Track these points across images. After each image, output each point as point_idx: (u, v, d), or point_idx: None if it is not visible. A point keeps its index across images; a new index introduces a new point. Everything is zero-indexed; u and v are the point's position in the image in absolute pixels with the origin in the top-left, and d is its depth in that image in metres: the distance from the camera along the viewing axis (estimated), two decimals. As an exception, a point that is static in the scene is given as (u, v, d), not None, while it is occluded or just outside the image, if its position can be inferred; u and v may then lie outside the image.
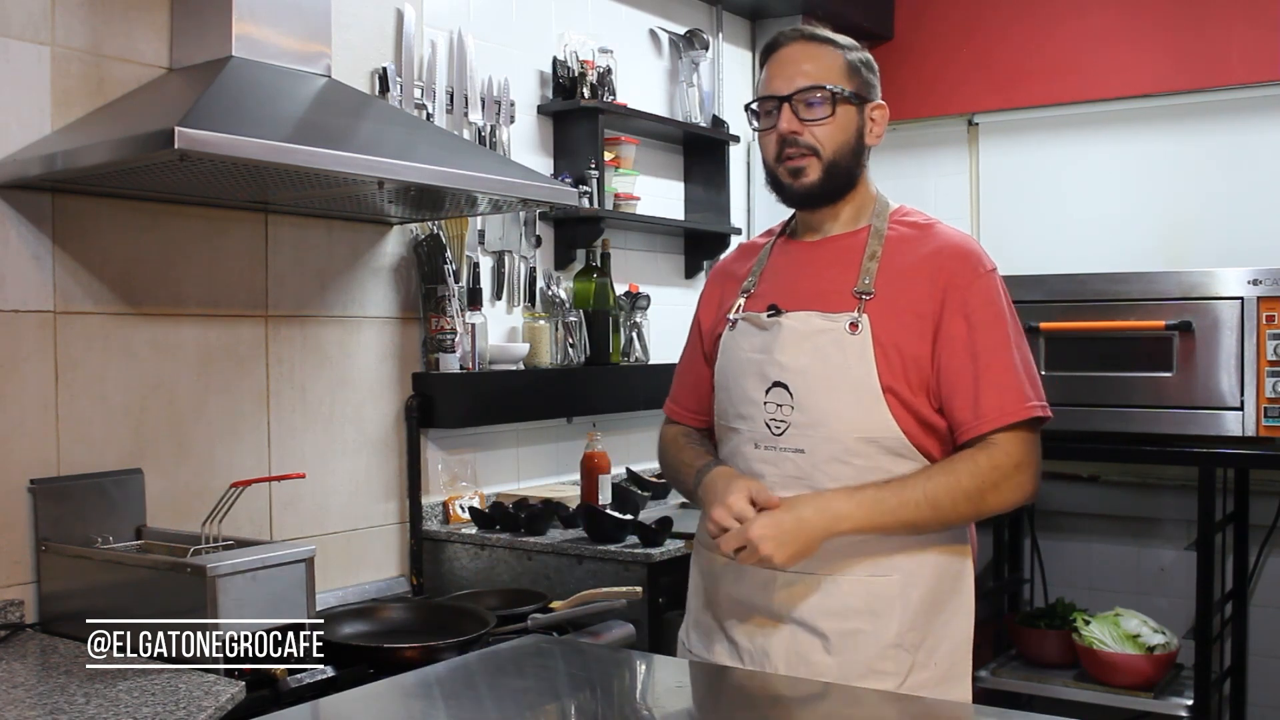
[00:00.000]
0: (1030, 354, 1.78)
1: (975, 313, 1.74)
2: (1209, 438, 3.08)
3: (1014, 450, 1.72)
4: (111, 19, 2.24)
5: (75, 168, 1.96)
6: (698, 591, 1.93)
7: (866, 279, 1.77)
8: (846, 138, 1.81)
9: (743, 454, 1.83)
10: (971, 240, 1.82)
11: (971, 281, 1.75)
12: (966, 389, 1.72)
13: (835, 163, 1.80)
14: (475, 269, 2.99)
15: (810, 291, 1.81)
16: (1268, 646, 3.57)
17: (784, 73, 1.81)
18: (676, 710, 1.68)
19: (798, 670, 1.74)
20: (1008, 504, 1.74)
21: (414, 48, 2.87)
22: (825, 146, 1.79)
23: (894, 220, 1.84)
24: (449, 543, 2.82)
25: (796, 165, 1.79)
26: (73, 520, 2.12)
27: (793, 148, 1.79)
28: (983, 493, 1.70)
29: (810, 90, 1.78)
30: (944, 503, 1.69)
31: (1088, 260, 3.77)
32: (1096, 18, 3.98)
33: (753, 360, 1.81)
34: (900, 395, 1.73)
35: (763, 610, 1.79)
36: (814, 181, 1.80)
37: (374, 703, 1.60)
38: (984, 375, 1.72)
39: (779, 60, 1.83)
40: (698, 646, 1.90)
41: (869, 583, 1.74)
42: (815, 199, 1.83)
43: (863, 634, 1.73)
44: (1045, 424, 1.76)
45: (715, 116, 3.81)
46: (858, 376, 1.72)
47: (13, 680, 1.79)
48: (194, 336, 2.39)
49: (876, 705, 1.60)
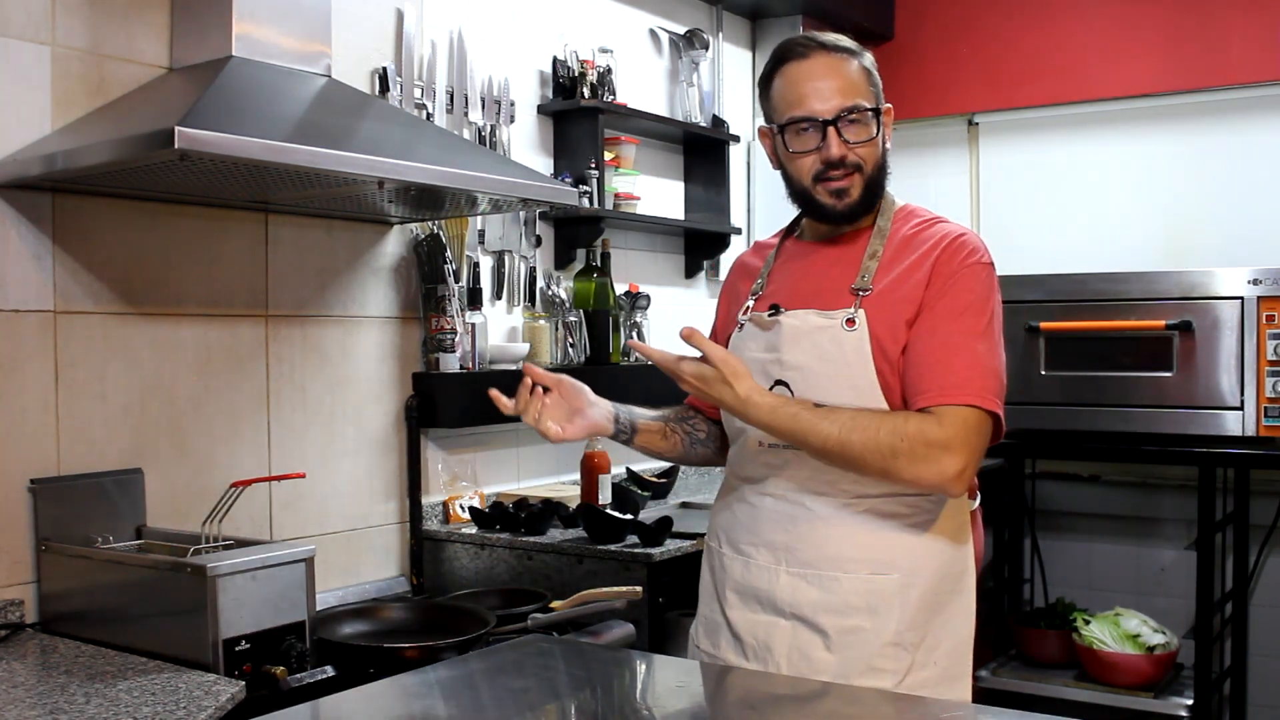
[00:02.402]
0: (1003, 356, 1.74)
1: (954, 296, 1.72)
2: (1209, 438, 3.08)
3: (949, 429, 1.65)
4: (111, 19, 2.24)
5: (75, 168, 1.96)
6: (706, 587, 1.95)
7: (865, 276, 1.77)
8: (881, 150, 1.80)
9: (749, 452, 1.84)
10: (973, 234, 1.80)
11: (959, 268, 1.74)
12: (922, 362, 1.70)
13: (875, 178, 1.79)
14: (475, 269, 2.99)
15: (810, 290, 1.81)
16: (1268, 646, 3.57)
17: (819, 91, 1.75)
18: (676, 710, 1.68)
19: (799, 666, 1.75)
20: (921, 480, 1.66)
21: (414, 47, 2.87)
22: (868, 163, 1.78)
23: (898, 218, 1.84)
24: (449, 543, 2.82)
25: (841, 186, 1.77)
26: (73, 520, 2.13)
27: (838, 170, 1.76)
28: (896, 455, 1.64)
29: (854, 111, 1.75)
30: (854, 448, 1.66)
31: (1088, 260, 3.77)
32: (1096, 18, 3.98)
33: (757, 360, 1.82)
34: (898, 390, 1.73)
35: (766, 605, 1.80)
36: (856, 200, 1.78)
37: (374, 703, 1.60)
38: (942, 353, 1.69)
39: (807, 75, 1.77)
40: (705, 643, 1.92)
41: (869, 580, 1.74)
42: (857, 216, 1.81)
43: (862, 632, 1.73)
44: (998, 429, 1.71)
45: (715, 116, 3.81)
46: (856, 373, 1.72)
47: (13, 680, 1.79)
48: (194, 336, 2.39)
49: (875, 705, 1.60)
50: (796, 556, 1.77)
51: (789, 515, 1.78)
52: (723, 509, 1.92)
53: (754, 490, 1.84)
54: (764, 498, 1.82)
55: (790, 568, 1.77)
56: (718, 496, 1.96)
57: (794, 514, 1.78)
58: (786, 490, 1.79)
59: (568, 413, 1.85)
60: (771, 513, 1.80)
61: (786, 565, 1.78)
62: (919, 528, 1.75)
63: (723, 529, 1.90)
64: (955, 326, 1.71)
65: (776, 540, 1.79)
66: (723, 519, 1.91)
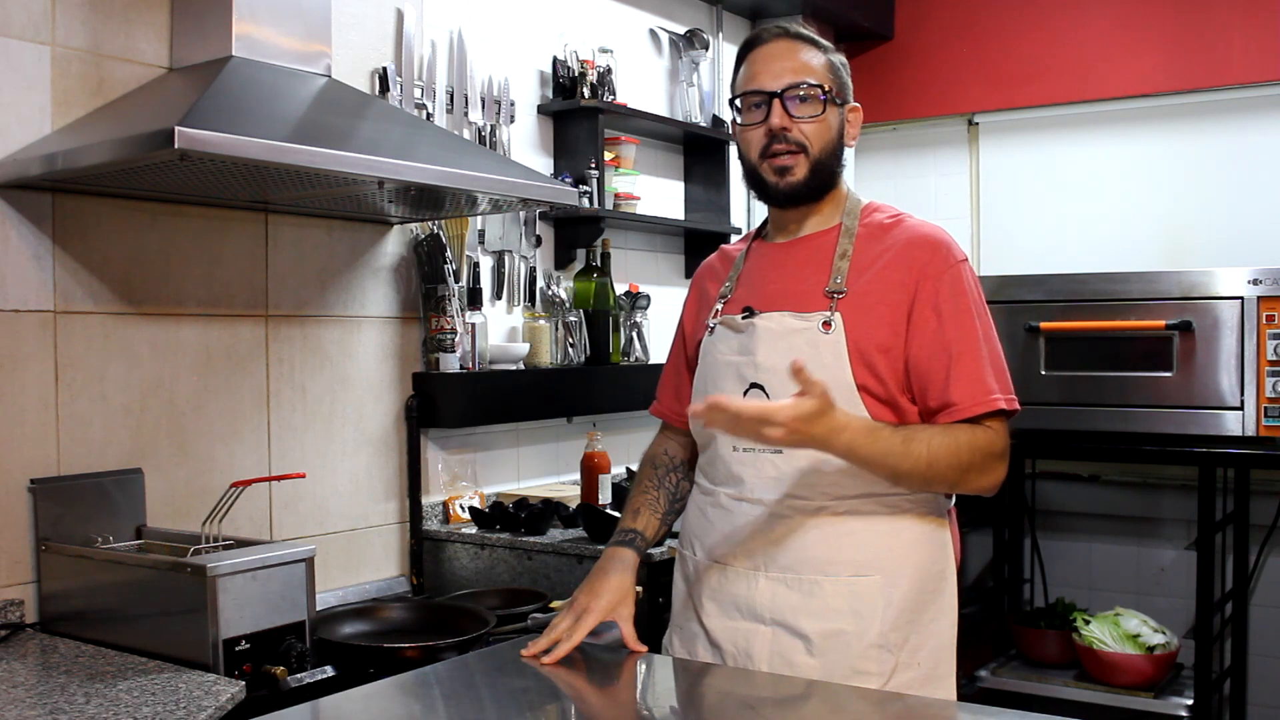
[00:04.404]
0: (999, 346, 1.77)
1: (946, 303, 1.73)
2: (1209, 437, 3.08)
3: (1000, 439, 1.72)
4: (111, 19, 2.24)
5: (75, 168, 1.96)
6: (680, 596, 1.93)
7: (838, 278, 1.77)
8: (832, 136, 1.81)
9: (722, 458, 1.82)
10: (942, 231, 1.81)
11: (943, 272, 1.75)
12: (937, 378, 1.71)
13: (821, 161, 1.80)
14: (475, 269, 2.99)
15: (783, 292, 1.81)
16: (1268, 646, 3.57)
17: (771, 68, 1.79)
18: (676, 710, 1.68)
19: (781, 672, 1.74)
20: (981, 489, 1.73)
21: (414, 47, 2.87)
22: (814, 144, 1.79)
23: (864, 217, 1.84)
24: (449, 542, 2.82)
25: (783, 164, 1.79)
26: (73, 520, 2.13)
27: (781, 144, 1.78)
28: (970, 469, 1.70)
29: (801, 86, 1.77)
30: (939, 466, 1.68)
31: (1088, 260, 3.78)
32: (1096, 18, 3.98)
33: (731, 363, 1.82)
34: (875, 392, 1.73)
35: (745, 612, 1.78)
36: (800, 180, 1.79)
37: (374, 703, 1.60)
38: (965, 362, 1.71)
39: (764, 56, 1.81)
40: (680, 652, 1.89)
41: (851, 583, 1.73)
42: (799, 198, 1.82)
43: (845, 635, 1.72)
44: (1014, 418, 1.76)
45: (715, 116, 3.81)
46: (833, 375, 1.71)
47: (13, 680, 1.79)
48: (194, 336, 2.39)
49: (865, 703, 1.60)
50: (776, 561, 1.76)
51: (766, 520, 1.76)
52: (695, 515, 1.89)
53: (729, 495, 1.81)
54: (740, 503, 1.79)
55: (769, 573, 1.76)
56: (689, 503, 1.95)
57: (771, 519, 1.76)
58: (764, 494, 1.77)
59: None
60: (748, 518, 1.78)
61: (766, 570, 1.76)
62: (898, 529, 1.75)
63: (696, 536, 1.88)
64: (964, 332, 1.73)
65: (755, 546, 1.77)
66: (696, 526, 1.89)
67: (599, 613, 1.79)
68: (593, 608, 1.79)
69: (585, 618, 1.78)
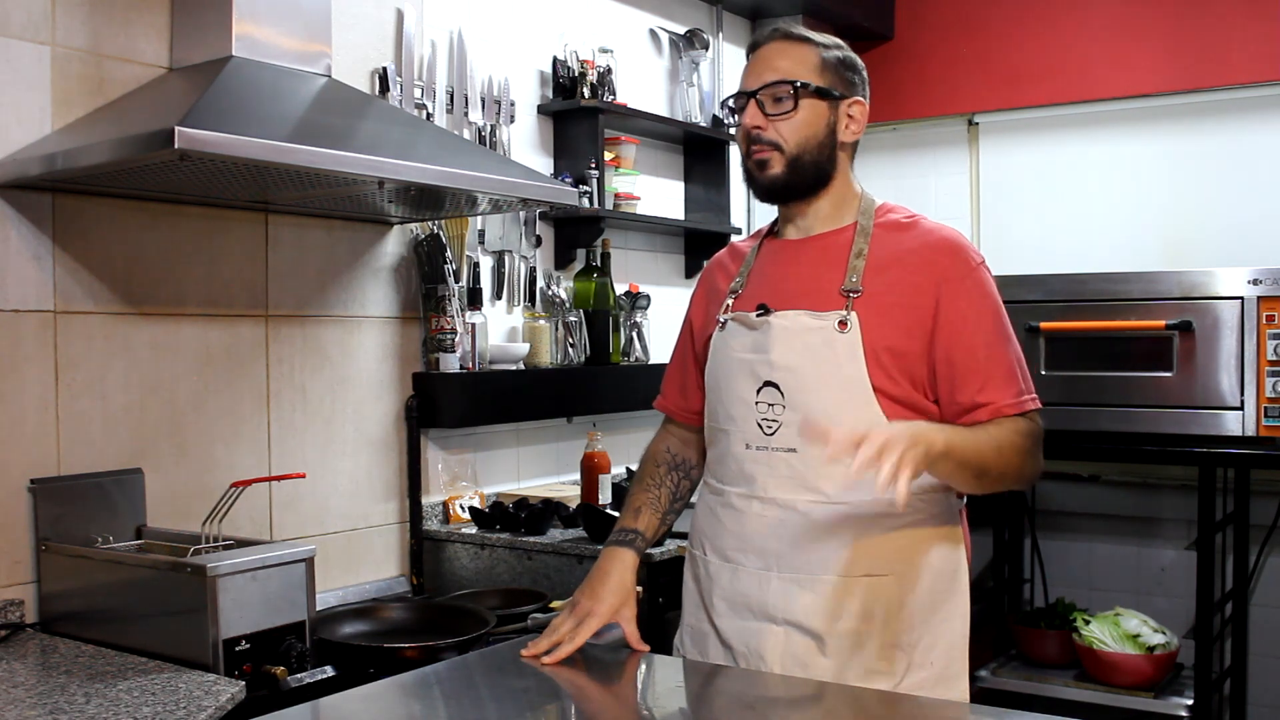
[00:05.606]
0: (1019, 345, 1.81)
1: (972, 306, 1.75)
2: (1209, 437, 3.08)
3: (1039, 427, 1.76)
4: (111, 19, 2.24)
5: (75, 168, 1.96)
6: (691, 596, 1.93)
7: (854, 277, 1.77)
8: (812, 132, 1.81)
9: (734, 455, 1.82)
10: (958, 233, 1.82)
11: (965, 275, 1.76)
12: (972, 379, 1.73)
13: (798, 157, 1.80)
14: (475, 269, 2.99)
15: (798, 290, 1.81)
16: (1268, 646, 3.57)
17: (755, 70, 1.84)
18: (676, 710, 1.68)
19: (793, 673, 1.73)
20: (1030, 477, 1.77)
21: (414, 47, 2.87)
22: (788, 141, 1.80)
23: (879, 217, 1.84)
24: (449, 542, 2.82)
25: (762, 158, 1.82)
26: (73, 520, 2.13)
27: (756, 144, 1.82)
28: (1028, 454, 1.74)
29: (774, 86, 1.80)
30: (1006, 451, 1.71)
31: (1088, 260, 3.78)
32: (1096, 18, 3.98)
33: (744, 360, 1.81)
34: (890, 392, 1.73)
35: (757, 613, 1.78)
36: (777, 175, 1.81)
37: (374, 703, 1.60)
38: (988, 366, 1.74)
39: (756, 58, 1.86)
40: (692, 652, 1.89)
41: (865, 583, 1.73)
42: (780, 193, 1.84)
43: (859, 635, 1.72)
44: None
45: (715, 116, 3.81)
46: (848, 374, 1.72)
47: (13, 680, 1.79)
48: (194, 336, 2.39)
49: (877, 705, 1.60)
50: (788, 561, 1.75)
51: (778, 519, 1.76)
52: (705, 515, 1.89)
53: (740, 495, 1.81)
54: (751, 501, 1.79)
55: (782, 573, 1.76)
56: (698, 502, 1.94)
57: (784, 518, 1.76)
58: (776, 493, 1.76)
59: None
60: (760, 517, 1.78)
61: (778, 570, 1.76)
62: (911, 528, 1.75)
63: (706, 536, 1.88)
64: (993, 335, 1.76)
65: (767, 546, 1.77)
66: (706, 526, 1.88)
67: (602, 616, 1.79)
68: (596, 611, 1.79)
69: (588, 621, 1.78)
